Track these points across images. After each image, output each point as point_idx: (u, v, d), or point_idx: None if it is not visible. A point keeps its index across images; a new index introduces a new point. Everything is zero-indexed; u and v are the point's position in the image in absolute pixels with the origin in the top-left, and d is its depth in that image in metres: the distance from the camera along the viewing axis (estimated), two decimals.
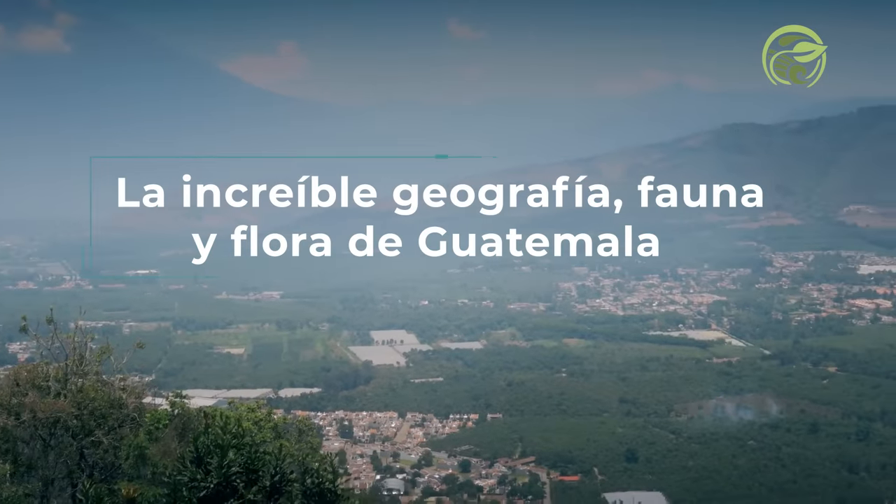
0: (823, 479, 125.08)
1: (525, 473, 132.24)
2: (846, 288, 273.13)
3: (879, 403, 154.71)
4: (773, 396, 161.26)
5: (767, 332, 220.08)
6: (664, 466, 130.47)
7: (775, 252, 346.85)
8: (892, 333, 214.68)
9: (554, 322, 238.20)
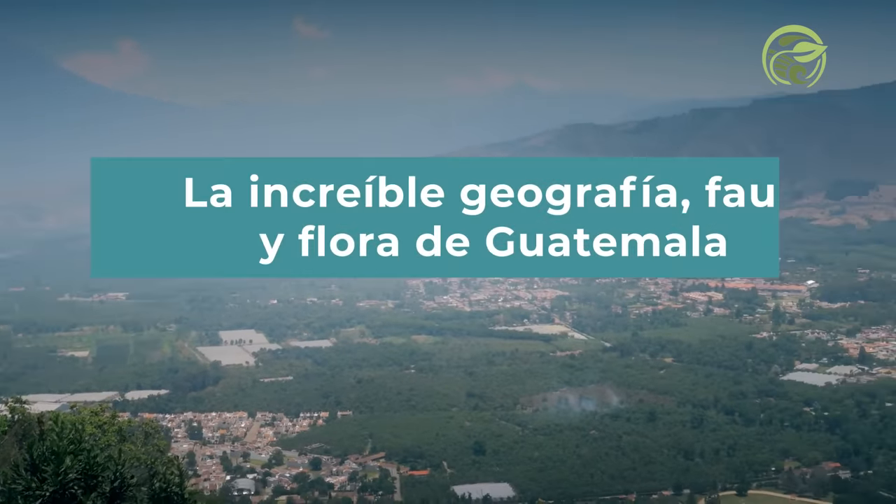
0: (661, 465, 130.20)
1: (375, 469, 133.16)
2: (681, 282, 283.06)
3: (712, 391, 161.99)
4: (614, 387, 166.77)
5: (608, 326, 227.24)
6: (511, 458, 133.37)
7: None
8: (723, 324, 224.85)
9: (403, 319, 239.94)
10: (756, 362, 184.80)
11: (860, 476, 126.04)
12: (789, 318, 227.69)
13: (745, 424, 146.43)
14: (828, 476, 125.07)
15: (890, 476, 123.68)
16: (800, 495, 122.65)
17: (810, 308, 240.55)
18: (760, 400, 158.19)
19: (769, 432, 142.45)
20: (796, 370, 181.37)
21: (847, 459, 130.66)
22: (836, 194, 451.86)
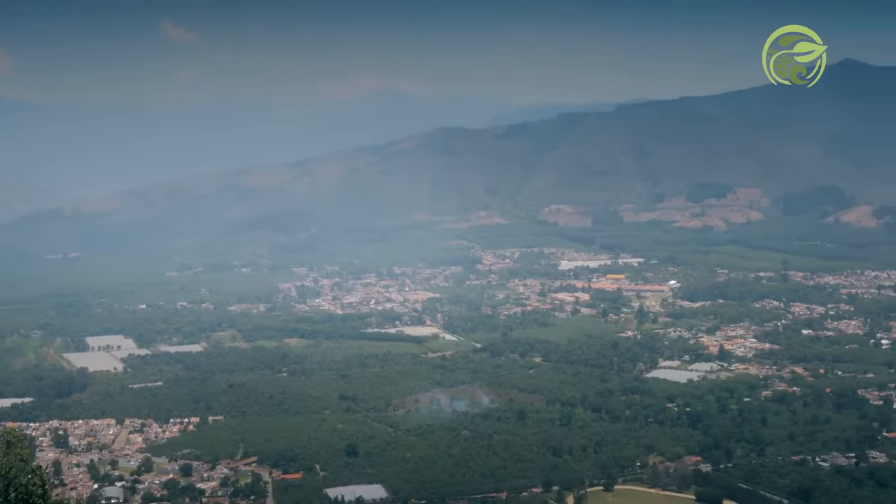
0: (531, 462, 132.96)
1: (247, 474, 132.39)
2: (549, 283, 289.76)
3: (580, 390, 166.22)
4: (485, 387, 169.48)
5: (478, 327, 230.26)
6: (384, 459, 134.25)
7: (484, 250, 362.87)
8: (590, 324, 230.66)
9: (274, 322, 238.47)
10: (622, 360, 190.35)
11: (720, 469, 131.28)
12: (653, 318, 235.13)
13: (612, 421, 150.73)
14: (690, 470, 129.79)
15: (748, 468, 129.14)
16: (664, 489, 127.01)
17: (672, 307, 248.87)
18: (626, 397, 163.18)
19: (634, 428, 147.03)
20: (660, 367, 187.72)
21: (708, 453, 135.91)
22: (696, 197, 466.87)
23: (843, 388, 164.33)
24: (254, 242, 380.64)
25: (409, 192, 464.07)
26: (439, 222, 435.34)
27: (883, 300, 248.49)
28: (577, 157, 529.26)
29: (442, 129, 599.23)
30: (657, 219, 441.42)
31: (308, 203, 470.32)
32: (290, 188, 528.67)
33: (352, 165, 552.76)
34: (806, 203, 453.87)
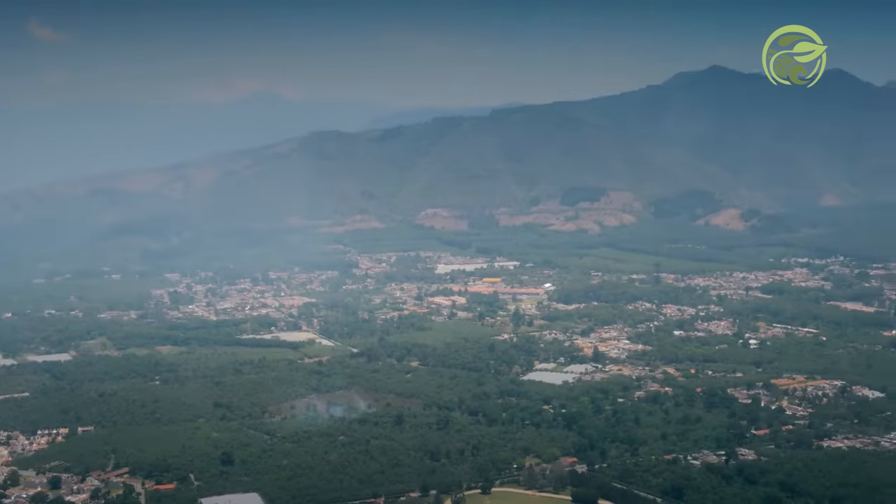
0: (409, 467, 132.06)
1: (119, 485, 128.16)
2: (425, 287, 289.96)
3: (457, 393, 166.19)
4: (362, 392, 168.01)
5: (355, 331, 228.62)
6: (260, 467, 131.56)
7: (361, 254, 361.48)
8: (466, 327, 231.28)
9: (146, 330, 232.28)
10: (498, 363, 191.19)
11: (595, 469, 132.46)
12: (528, 320, 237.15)
13: (489, 424, 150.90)
14: (566, 471, 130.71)
15: (622, 468, 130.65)
16: (540, 490, 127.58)
17: (548, 310, 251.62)
18: (502, 400, 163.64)
19: (511, 431, 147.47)
20: (536, 370, 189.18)
21: (583, 454, 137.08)
22: (570, 200, 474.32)
23: (714, 387, 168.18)
24: (125, 248, 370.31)
25: (284, 196, 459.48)
26: (315, 226, 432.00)
27: (750, 301, 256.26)
28: (452, 160, 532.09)
29: (317, 133, 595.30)
30: (532, 222, 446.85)
31: (181, 207, 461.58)
32: (163, 192, 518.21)
33: (227, 169, 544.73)
34: (676, 206, 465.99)
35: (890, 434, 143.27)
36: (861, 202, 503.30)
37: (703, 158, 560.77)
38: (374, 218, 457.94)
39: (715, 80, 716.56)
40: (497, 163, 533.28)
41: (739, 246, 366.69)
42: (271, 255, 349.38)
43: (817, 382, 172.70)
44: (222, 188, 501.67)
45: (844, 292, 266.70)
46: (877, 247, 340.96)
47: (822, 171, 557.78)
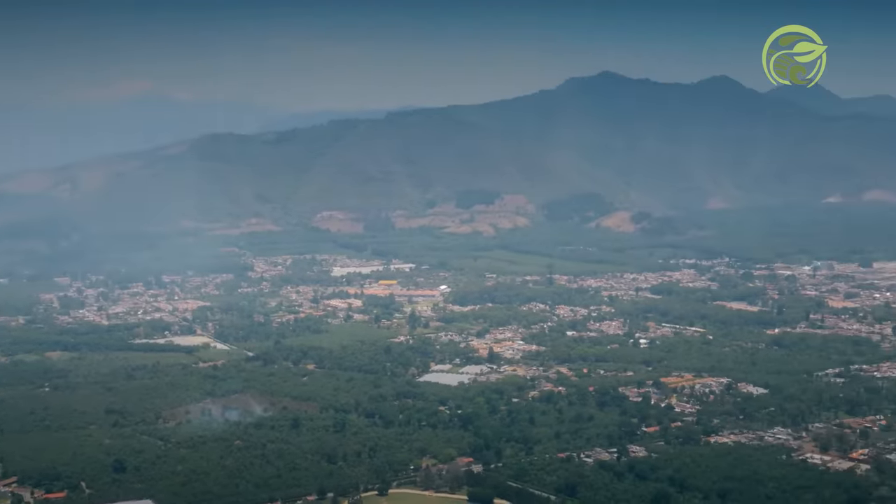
0: (305, 470, 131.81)
1: (7, 495, 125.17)
2: (321, 289, 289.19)
3: (353, 396, 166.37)
4: (258, 396, 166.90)
5: (251, 335, 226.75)
6: (153, 473, 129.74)
7: (256, 257, 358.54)
8: (363, 330, 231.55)
9: (35, 335, 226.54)
10: (395, 365, 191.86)
11: (491, 469, 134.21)
12: (424, 322, 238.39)
13: (385, 426, 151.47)
14: (462, 471, 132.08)
15: (517, 467, 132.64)
16: (437, 491, 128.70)
17: (444, 312, 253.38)
18: (399, 401, 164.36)
19: (408, 432, 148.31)
20: (432, 371, 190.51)
21: (479, 454, 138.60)
22: (465, 203, 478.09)
23: (605, 386, 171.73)
24: (11, 251, 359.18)
25: (176, 199, 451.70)
26: (209, 229, 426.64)
27: (641, 301, 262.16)
28: (348, 163, 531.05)
29: (210, 135, 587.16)
30: (428, 225, 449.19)
31: (70, 209, 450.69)
32: (50, 194, 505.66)
33: (116, 170, 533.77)
34: (568, 209, 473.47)
35: (773, 429, 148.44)
36: (745, 205, 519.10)
37: (595, 162, 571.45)
38: (270, 221, 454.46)
39: (605, 85, 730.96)
40: (393, 165, 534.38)
41: (630, 248, 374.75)
42: (164, 259, 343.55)
43: (704, 380, 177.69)
44: (112, 190, 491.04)
45: (730, 292, 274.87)
46: (760, 248, 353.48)
47: (708, 175, 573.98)
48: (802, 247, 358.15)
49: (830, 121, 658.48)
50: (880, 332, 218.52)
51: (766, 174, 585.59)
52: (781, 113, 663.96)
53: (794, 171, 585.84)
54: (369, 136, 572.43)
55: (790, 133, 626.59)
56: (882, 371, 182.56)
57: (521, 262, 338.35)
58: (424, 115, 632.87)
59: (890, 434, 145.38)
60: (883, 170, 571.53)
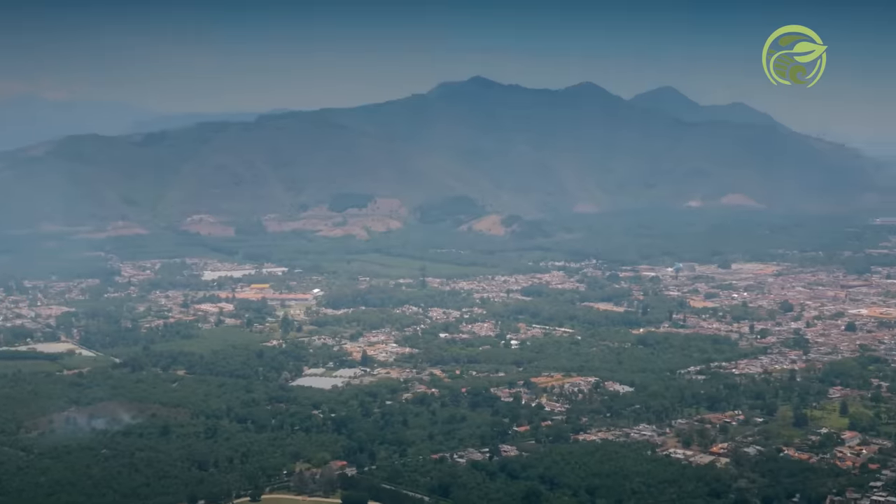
0: (175, 478, 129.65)
1: None
2: (192, 294, 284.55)
3: (225, 401, 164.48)
4: (125, 403, 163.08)
5: (118, 341, 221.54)
6: (15, 485, 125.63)
7: (123, 261, 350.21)
8: (234, 334, 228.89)
9: None
10: (267, 370, 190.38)
11: (365, 472, 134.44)
12: (298, 326, 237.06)
13: (258, 431, 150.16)
14: (336, 474, 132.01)
15: (391, 469, 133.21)
16: (310, 495, 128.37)
17: (317, 315, 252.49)
18: (272, 406, 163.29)
19: (281, 437, 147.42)
20: (305, 375, 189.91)
21: (353, 457, 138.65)
22: (338, 206, 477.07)
23: (478, 387, 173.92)
24: None
25: (38, 201, 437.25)
26: (73, 233, 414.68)
27: (511, 303, 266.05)
28: (219, 166, 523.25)
29: (74, 136, 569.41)
30: (301, 228, 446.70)
31: None
32: None
33: None
34: (441, 213, 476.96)
35: (638, 425, 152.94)
36: (611, 209, 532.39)
37: (466, 166, 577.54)
38: (137, 224, 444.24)
39: (476, 90, 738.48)
40: (264, 169, 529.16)
41: (501, 250, 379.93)
42: (25, 263, 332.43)
43: (573, 379, 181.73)
44: None
45: (597, 293, 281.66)
46: (625, 251, 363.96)
47: (575, 179, 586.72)
48: (666, 249, 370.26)
49: (691, 127, 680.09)
50: (738, 331, 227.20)
51: (630, 178, 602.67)
52: (645, 119, 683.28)
53: (658, 175, 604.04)
54: (240, 138, 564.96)
55: (653, 139, 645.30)
56: (740, 368, 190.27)
57: (395, 266, 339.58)
58: (296, 117, 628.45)
59: (747, 428, 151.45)
60: (739, 175, 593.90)
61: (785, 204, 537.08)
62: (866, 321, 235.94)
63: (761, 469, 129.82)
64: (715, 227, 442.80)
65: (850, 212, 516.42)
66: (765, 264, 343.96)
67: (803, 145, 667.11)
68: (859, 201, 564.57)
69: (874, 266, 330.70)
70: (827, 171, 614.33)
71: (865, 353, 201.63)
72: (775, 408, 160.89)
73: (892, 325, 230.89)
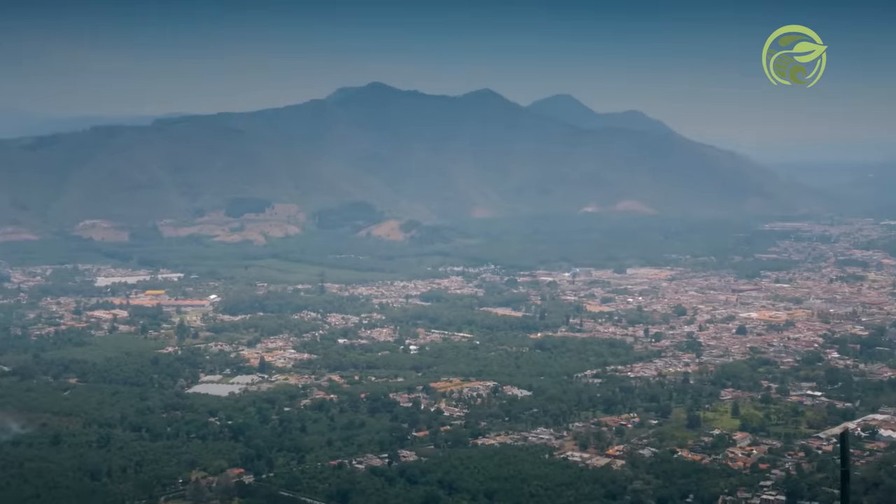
0: (67, 488, 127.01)
1: None
2: (85, 300, 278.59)
3: (119, 409, 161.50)
4: (14, 413, 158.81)
5: (7, 349, 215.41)
6: None
7: (13, 267, 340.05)
8: (128, 341, 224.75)
9: None
10: (162, 377, 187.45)
11: (262, 479, 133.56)
12: (194, 332, 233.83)
13: (153, 439, 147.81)
14: (233, 482, 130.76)
15: (289, 476, 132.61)
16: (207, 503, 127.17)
17: (213, 321, 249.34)
18: (167, 414, 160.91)
19: (176, 445, 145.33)
20: (202, 382, 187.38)
21: (250, 464, 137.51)
22: (235, 212, 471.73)
23: (377, 392, 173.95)
24: None
25: None
26: None
27: (410, 308, 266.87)
28: (113, 170, 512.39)
29: None
30: (197, 233, 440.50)
31: None
32: None
33: None
34: (340, 218, 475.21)
35: (536, 429, 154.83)
36: (509, 214, 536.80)
37: (365, 171, 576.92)
38: (27, 229, 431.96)
39: (375, 96, 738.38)
40: (160, 173, 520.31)
41: (400, 256, 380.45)
42: None
43: (472, 384, 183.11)
44: None
45: (495, 298, 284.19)
46: (523, 256, 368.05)
47: (473, 184, 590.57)
48: (563, 254, 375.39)
49: (587, 134, 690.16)
50: (633, 335, 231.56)
51: (528, 184, 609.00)
52: (542, 126, 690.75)
53: (554, 181, 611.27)
54: (135, 142, 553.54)
55: (550, 145, 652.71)
56: (635, 371, 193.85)
57: (293, 271, 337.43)
58: (193, 122, 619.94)
59: (642, 430, 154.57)
60: (634, 181, 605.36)
61: (678, 210, 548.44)
62: (756, 324, 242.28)
63: (656, 470, 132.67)
64: (610, 233, 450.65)
65: (739, 217, 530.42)
66: (659, 269, 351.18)
67: (695, 152, 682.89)
68: (749, 207, 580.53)
69: (763, 270, 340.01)
70: (718, 178, 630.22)
71: (755, 355, 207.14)
72: (669, 410, 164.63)
73: (780, 327, 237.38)
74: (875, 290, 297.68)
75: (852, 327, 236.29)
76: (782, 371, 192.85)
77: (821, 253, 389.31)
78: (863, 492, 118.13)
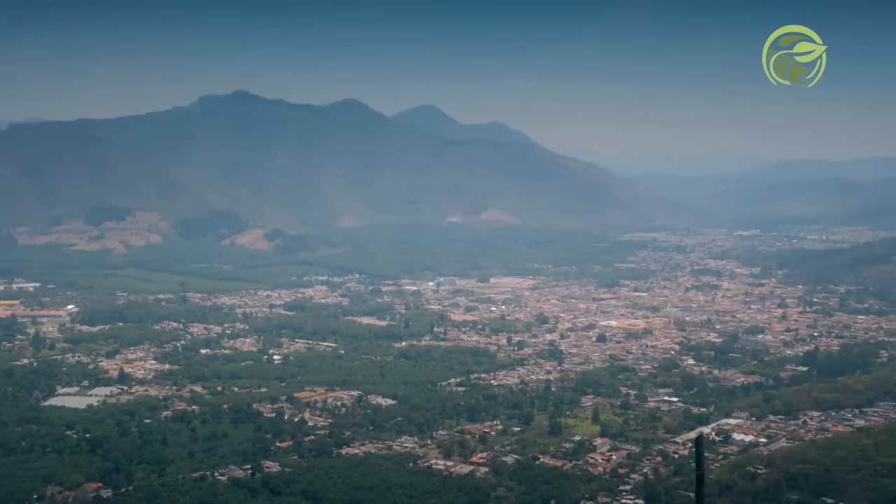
0: None
1: None
2: None
3: None
4: None
5: None
6: None
7: None
8: None
9: None
10: (16, 390, 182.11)
11: (122, 493, 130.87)
12: (50, 343, 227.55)
13: (6, 454, 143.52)
14: (90, 496, 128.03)
15: (149, 489, 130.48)
16: None
17: (71, 332, 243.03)
18: (21, 428, 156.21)
19: (31, 460, 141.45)
20: (58, 395, 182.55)
21: (109, 478, 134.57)
22: (94, 220, 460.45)
23: (240, 403, 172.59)
24: None
25: None
26: None
27: (274, 318, 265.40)
28: None
29: None
30: (55, 242, 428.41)
31: None
32: None
33: None
34: (203, 227, 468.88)
35: (401, 438, 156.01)
36: (374, 223, 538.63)
37: (229, 180, 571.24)
38: None
39: (240, 104, 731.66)
40: (15, 180, 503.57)
41: (264, 265, 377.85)
42: None
43: (337, 393, 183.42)
44: None
45: (360, 307, 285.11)
46: (388, 265, 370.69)
47: (338, 193, 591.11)
48: (427, 263, 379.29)
49: (451, 145, 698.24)
50: (496, 343, 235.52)
51: (392, 194, 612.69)
52: (407, 136, 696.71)
53: (419, 191, 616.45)
54: None
55: (415, 155, 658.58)
56: (498, 379, 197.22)
57: (154, 280, 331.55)
58: (50, 128, 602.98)
59: (505, 438, 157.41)
60: (497, 191, 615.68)
61: (540, 220, 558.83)
62: (615, 332, 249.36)
63: (519, 477, 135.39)
64: (474, 243, 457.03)
65: (600, 228, 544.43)
66: (521, 278, 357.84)
67: (556, 164, 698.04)
68: (608, 218, 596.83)
69: (622, 280, 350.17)
70: (579, 189, 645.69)
71: (615, 362, 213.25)
72: (532, 417, 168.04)
73: (638, 335, 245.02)
74: (728, 298, 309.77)
75: (707, 335, 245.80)
76: (640, 378, 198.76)
77: (677, 262, 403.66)
78: (717, 494, 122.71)
